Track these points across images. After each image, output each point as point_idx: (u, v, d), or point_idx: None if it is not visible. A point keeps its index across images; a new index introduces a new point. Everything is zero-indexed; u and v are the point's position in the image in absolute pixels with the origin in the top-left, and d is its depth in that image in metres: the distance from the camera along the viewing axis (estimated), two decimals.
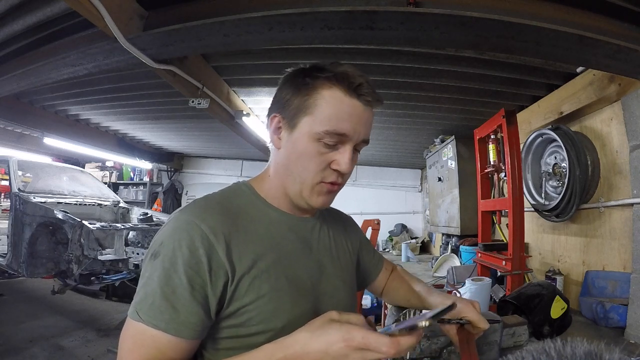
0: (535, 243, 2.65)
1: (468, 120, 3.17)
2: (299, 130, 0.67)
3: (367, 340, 0.50)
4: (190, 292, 0.57)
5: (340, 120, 0.65)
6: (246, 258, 0.62)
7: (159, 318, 0.55)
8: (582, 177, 2.02)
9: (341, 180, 0.71)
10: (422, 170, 6.08)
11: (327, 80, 0.65)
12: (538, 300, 1.20)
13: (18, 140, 4.68)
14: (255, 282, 0.62)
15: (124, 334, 0.58)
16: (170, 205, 6.73)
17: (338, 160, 0.67)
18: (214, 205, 0.67)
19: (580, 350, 0.33)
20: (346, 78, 0.65)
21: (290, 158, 0.69)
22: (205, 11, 1.68)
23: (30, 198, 3.44)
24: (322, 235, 0.79)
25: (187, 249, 0.58)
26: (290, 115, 0.68)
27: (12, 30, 2.07)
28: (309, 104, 0.65)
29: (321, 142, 0.65)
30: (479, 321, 0.78)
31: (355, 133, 0.67)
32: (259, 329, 0.62)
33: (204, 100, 2.54)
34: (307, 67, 0.69)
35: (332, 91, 0.65)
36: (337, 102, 0.65)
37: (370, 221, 3.30)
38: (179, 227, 0.60)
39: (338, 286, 0.77)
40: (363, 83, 0.65)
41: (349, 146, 0.67)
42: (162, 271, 0.57)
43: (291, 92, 0.68)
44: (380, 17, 1.45)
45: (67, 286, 3.61)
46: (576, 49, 1.48)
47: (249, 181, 0.77)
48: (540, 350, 0.34)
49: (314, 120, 0.65)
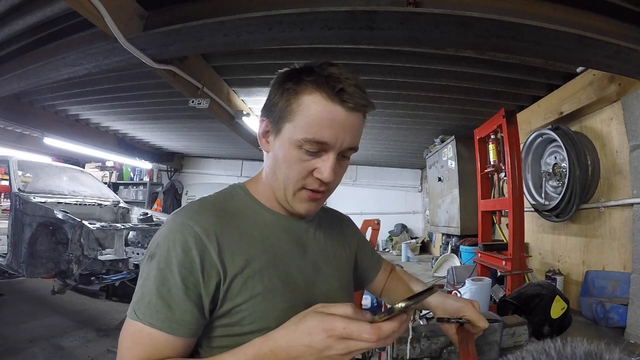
0: (535, 243, 2.65)
1: (468, 120, 3.17)
2: (282, 136, 0.65)
3: (348, 330, 0.49)
4: (185, 292, 0.58)
5: (321, 127, 0.62)
6: (239, 259, 0.63)
7: (155, 317, 0.56)
8: (582, 177, 2.02)
9: (324, 188, 0.68)
10: (422, 170, 6.08)
11: (310, 84, 0.62)
12: (538, 300, 1.20)
13: (18, 140, 4.68)
14: (248, 283, 0.62)
15: (123, 333, 0.59)
16: (170, 205, 6.73)
17: (320, 169, 0.65)
18: (208, 207, 0.67)
19: (580, 350, 0.33)
20: (328, 82, 0.61)
21: (276, 163, 0.68)
22: (205, 11, 1.68)
23: (30, 198, 3.43)
24: (317, 236, 0.79)
25: (180, 250, 0.59)
26: (275, 120, 0.66)
27: (12, 30, 2.07)
28: (291, 109, 0.63)
29: (302, 150, 0.63)
30: (478, 320, 0.78)
31: (338, 141, 0.63)
32: (253, 328, 0.62)
33: (204, 100, 2.54)
34: (297, 68, 0.67)
35: (313, 96, 0.62)
36: (318, 108, 0.62)
37: (370, 221, 3.30)
38: (174, 229, 0.61)
39: (334, 286, 0.77)
40: (345, 87, 0.61)
41: (331, 154, 0.64)
42: (157, 271, 0.58)
43: (277, 96, 0.66)
44: (380, 17, 1.45)
45: (67, 286, 3.60)
46: (576, 49, 1.48)
47: (244, 183, 0.77)
48: (540, 350, 0.34)
49: (295, 127, 0.63)
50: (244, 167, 6.91)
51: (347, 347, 0.50)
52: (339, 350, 0.50)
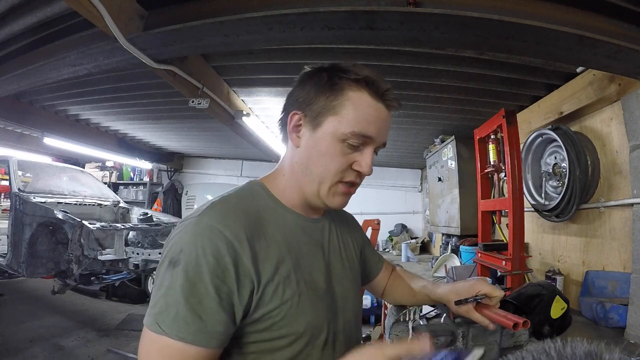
0: (535, 243, 2.65)
1: (468, 120, 3.17)
2: (323, 129, 0.67)
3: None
4: (219, 302, 0.55)
5: (367, 122, 0.66)
6: (269, 264, 0.62)
7: (185, 330, 0.53)
8: (582, 177, 2.02)
9: (359, 180, 0.72)
10: (422, 170, 6.08)
11: (355, 82, 0.66)
12: (538, 300, 1.19)
13: (18, 140, 4.67)
14: (279, 289, 0.62)
15: (146, 347, 0.56)
16: (170, 205, 6.72)
17: (360, 162, 0.69)
18: (233, 208, 0.64)
19: (580, 350, 0.33)
20: (374, 82, 0.66)
21: (310, 157, 0.68)
22: (205, 11, 1.68)
23: (30, 198, 3.44)
24: (332, 237, 0.80)
25: (212, 257, 0.56)
26: (314, 114, 0.67)
27: (12, 30, 2.07)
28: (336, 104, 0.66)
29: (345, 143, 0.66)
30: (493, 291, 0.80)
31: (379, 136, 0.70)
32: (282, 333, 0.62)
33: (204, 100, 2.54)
34: (327, 66, 0.69)
35: (360, 94, 0.66)
36: (365, 104, 0.66)
37: (371, 221, 3.31)
38: (201, 234, 0.58)
39: (347, 287, 0.78)
40: (390, 89, 0.68)
41: (371, 148, 0.69)
42: (185, 280, 0.55)
43: (314, 90, 0.67)
44: (380, 17, 1.45)
45: (67, 286, 3.60)
46: (576, 49, 1.48)
47: (262, 180, 0.75)
48: (540, 350, 0.34)
49: (341, 120, 0.66)
50: (244, 167, 6.90)
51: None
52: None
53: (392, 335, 1.02)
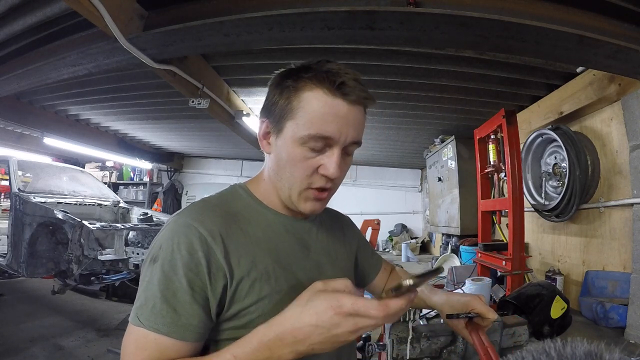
0: (535, 243, 2.65)
1: (468, 120, 3.17)
2: (284, 135, 0.65)
3: (356, 306, 0.49)
4: (191, 295, 0.57)
5: (324, 122, 0.61)
6: (245, 260, 0.62)
7: (160, 322, 0.55)
8: (582, 177, 2.02)
9: (330, 185, 0.68)
10: (422, 170, 6.08)
11: (309, 80, 0.62)
12: (538, 300, 1.19)
13: (18, 140, 4.68)
14: (255, 285, 0.62)
15: (126, 340, 0.57)
16: (170, 205, 6.73)
17: (325, 165, 0.64)
18: (211, 208, 0.66)
19: (580, 350, 0.33)
20: (328, 77, 0.61)
21: (279, 164, 0.67)
22: (205, 11, 1.68)
23: (30, 198, 3.43)
24: (319, 236, 0.79)
25: (186, 252, 0.57)
26: (276, 119, 0.66)
27: (12, 30, 2.07)
28: (292, 107, 0.63)
29: (306, 147, 0.63)
30: (487, 312, 0.77)
31: (342, 135, 0.63)
32: None
33: (204, 100, 2.54)
34: (294, 67, 0.67)
35: (314, 92, 0.61)
36: (320, 103, 0.61)
37: (370, 221, 3.30)
38: (177, 231, 0.60)
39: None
40: (346, 81, 0.61)
41: (336, 149, 0.64)
42: (161, 275, 0.57)
43: (277, 95, 0.65)
44: (380, 17, 1.45)
45: (67, 286, 3.60)
46: (576, 49, 1.48)
47: (246, 183, 0.76)
48: (540, 350, 0.34)
49: (297, 124, 0.62)
50: (244, 167, 6.91)
51: (355, 323, 0.50)
52: (347, 327, 0.50)
53: (392, 335, 1.02)
